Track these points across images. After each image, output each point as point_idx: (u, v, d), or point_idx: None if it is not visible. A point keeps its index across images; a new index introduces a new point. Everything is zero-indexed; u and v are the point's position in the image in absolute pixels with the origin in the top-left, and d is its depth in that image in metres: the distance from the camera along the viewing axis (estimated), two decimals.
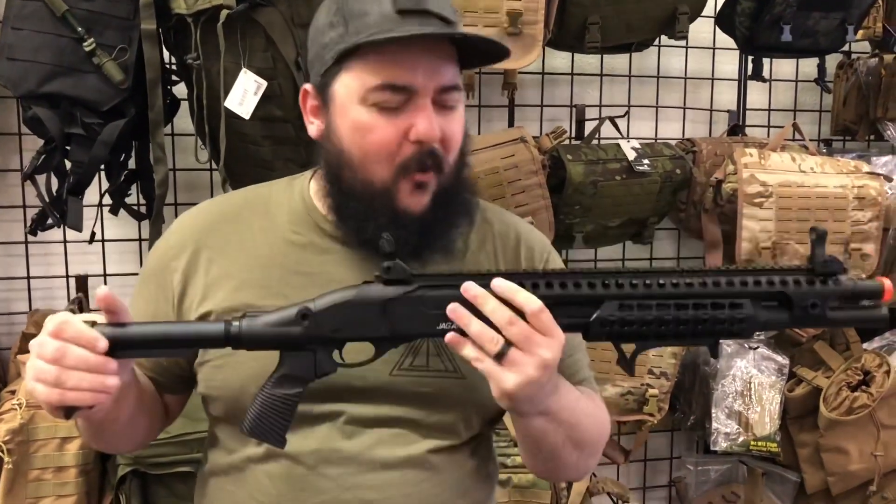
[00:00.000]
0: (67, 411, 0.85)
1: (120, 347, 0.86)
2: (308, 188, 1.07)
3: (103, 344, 0.84)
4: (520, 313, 0.84)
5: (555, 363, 0.86)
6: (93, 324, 0.86)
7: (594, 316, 0.87)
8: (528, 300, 0.84)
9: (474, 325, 0.84)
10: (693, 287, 0.88)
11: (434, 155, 0.96)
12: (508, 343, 0.84)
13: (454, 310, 0.85)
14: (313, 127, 1.03)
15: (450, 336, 0.85)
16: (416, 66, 0.93)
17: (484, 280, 0.86)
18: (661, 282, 0.87)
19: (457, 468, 1.05)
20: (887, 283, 0.89)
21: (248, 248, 1.04)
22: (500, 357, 0.84)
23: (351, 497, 0.99)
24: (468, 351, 0.85)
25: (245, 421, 0.91)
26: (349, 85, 0.96)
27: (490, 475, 1.12)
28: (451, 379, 1.02)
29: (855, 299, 0.89)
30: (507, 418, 1.82)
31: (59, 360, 0.83)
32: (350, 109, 0.96)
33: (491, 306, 0.84)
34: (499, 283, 0.85)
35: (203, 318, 1.01)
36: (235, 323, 0.88)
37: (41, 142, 1.61)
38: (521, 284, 0.86)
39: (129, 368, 0.92)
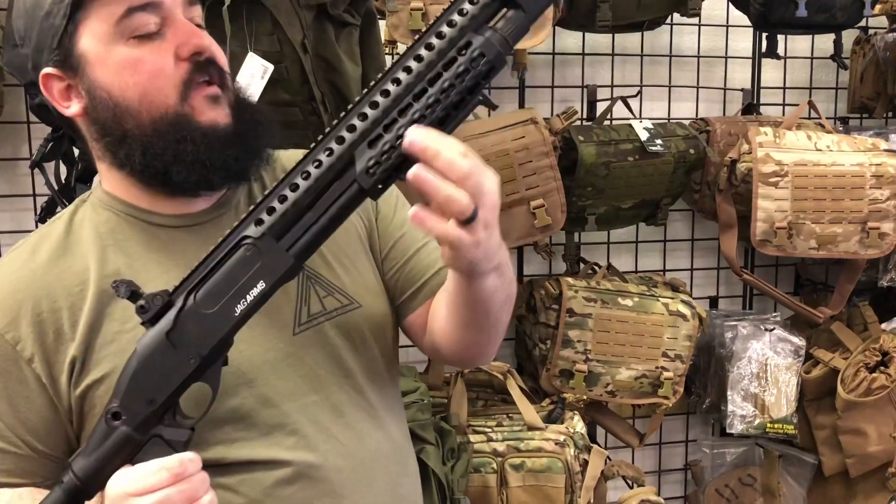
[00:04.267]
0: None
1: None
2: (104, 198, 0.95)
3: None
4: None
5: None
6: None
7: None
8: (451, 146, 0.70)
9: (443, 189, 0.70)
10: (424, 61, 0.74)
11: (213, 63, 0.90)
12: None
13: (422, 181, 0.70)
14: (72, 107, 0.90)
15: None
16: None
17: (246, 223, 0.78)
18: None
19: (395, 415, 1.02)
20: None
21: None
22: (469, 220, 0.71)
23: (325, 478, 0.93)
24: (435, 224, 0.72)
25: None
26: (95, 32, 0.87)
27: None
28: (351, 311, 0.97)
29: None
30: (511, 388, 1.81)
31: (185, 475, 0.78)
32: (109, 55, 0.87)
33: (443, 159, 0.70)
34: (423, 140, 0.70)
35: (94, 385, 0.88)
36: (67, 476, 0.80)
37: (49, 129, 1.60)
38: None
39: None
